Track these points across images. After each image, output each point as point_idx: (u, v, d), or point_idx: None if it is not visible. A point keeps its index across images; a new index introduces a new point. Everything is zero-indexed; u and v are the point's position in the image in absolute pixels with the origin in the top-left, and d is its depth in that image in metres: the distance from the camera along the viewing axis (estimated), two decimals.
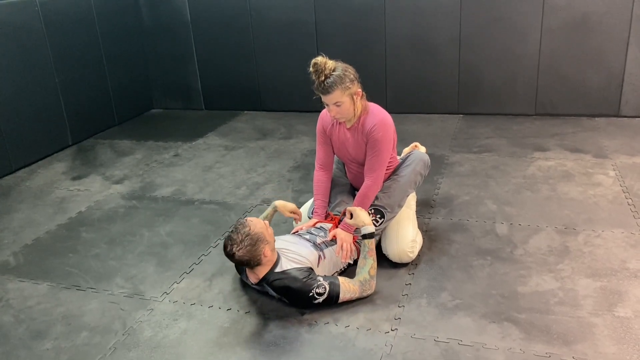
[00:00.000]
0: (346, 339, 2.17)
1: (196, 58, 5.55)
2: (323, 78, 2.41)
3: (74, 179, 4.09)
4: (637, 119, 4.56)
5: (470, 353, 2.05)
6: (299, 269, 2.32)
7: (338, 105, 2.47)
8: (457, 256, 2.71)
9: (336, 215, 2.72)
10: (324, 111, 2.72)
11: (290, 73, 5.29)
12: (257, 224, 2.29)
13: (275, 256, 2.36)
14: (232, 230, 2.29)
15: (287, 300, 2.35)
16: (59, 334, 2.32)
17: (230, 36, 5.35)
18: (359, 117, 2.58)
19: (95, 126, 5.12)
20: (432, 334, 2.16)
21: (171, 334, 2.27)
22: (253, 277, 2.38)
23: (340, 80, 2.42)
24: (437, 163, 3.85)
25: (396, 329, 2.21)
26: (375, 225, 2.59)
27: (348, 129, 2.64)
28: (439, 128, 4.68)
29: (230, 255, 2.25)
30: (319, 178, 2.78)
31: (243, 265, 2.34)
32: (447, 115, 5.00)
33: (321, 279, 2.32)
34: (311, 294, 2.27)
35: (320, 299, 2.29)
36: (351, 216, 2.50)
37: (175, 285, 2.63)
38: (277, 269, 2.33)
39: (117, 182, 3.96)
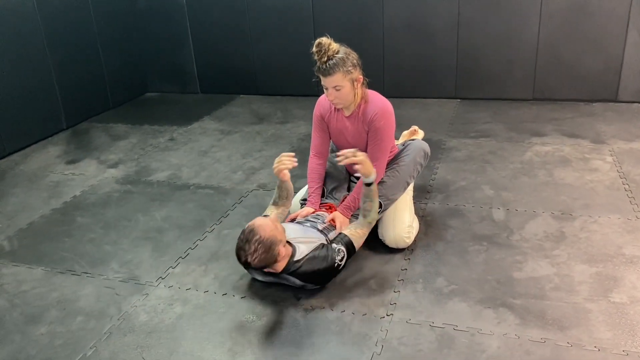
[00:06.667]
0: (342, 324, 2.17)
1: (192, 41, 5.49)
2: (325, 59, 2.37)
3: (69, 163, 4.06)
4: (635, 104, 4.54)
5: (466, 338, 2.05)
6: (316, 249, 2.31)
7: (338, 90, 2.43)
8: (453, 241, 2.70)
9: (333, 202, 2.70)
10: (322, 97, 2.68)
11: (287, 56, 5.24)
12: (265, 227, 2.18)
13: (290, 248, 2.30)
14: (242, 240, 2.18)
15: (313, 283, 2.32)
16: (53, 318, 2.32)
17: (226, 19, 5.29)
18: (359, 105, 2.55)
19: (89, 110, 5.07)
20: (428, 319, 2.17)
21: (167, 319, 2.27)
22: (271, 270, 2.29)
23: (342, 63, 2.38)
24: (434, 148, 3.83)
25: (391, 314, 2.21)
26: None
27: (347, 117, 2.60)
28: (437, 113, 4.65)
29: (246, 265, 2.20)
30: (314, 166, 2.74)
31: (260, 269, 2.28)
32: (444, 99, 4.97)
33: (335, 245, 2.33)
34: (336, 264, 2.29)
35: (343, 262, 2.33)
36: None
37: (170, 270, 2.62)
38: (297, 257, 2.28)
39: (112, 167, 3.94)
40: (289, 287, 2.38)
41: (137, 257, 2.75)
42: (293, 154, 2.50)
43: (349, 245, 2.38)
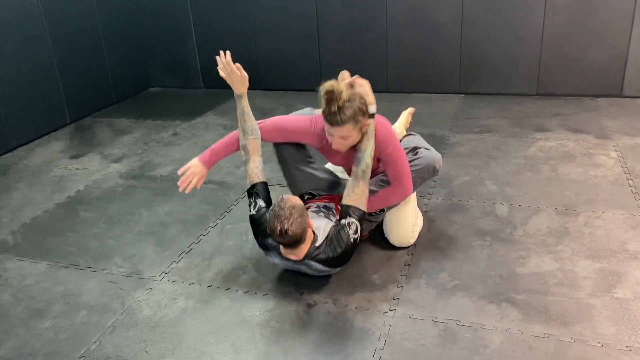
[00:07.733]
0: (344, 319, 2.17)
1: (195, 36, 5.49)
2: (336, 109, 2.15)
3: (72, 157, 4.07)
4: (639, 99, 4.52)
5: (469, 333, 2.05)
6: (330, 232, 2.27)
7: (344, 139, 2.27)
8: (457, 237, 2.70)
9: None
10: (318, 127, 2.46)
11: (290, 51, 5.23)
12: (294, 198, 2.17)
13: (312, 233, 2.27)
14: (275, 209, 2.11)
15: (335, 266, 2.29)
16: (57, 312, 2.33)
17: (229, 13, 5.28)
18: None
19: (93, 105, 5.08)
20: (431, 315, 2.17)
21: (170, 314, 2.27)
22: (293, 257, 2.24)
23: (354, 115, 2.17)
24: (438, 143, 3.82)
25: (394, 309, 2.21)
26: (375, 215, 2.56)
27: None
28: (440, 108, 4.64)
29: (283, 233, 2.07)
30: (235, 139, 2.52)
31: (294, 243, 2.14)
32: (448, 94, 4.95)
33: (344, 220, 2.28)
34: (352, 239, 2.26)
35: (358, 235, 2.28)
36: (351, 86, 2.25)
37: (174, 264, 2.63)
38: (318, 242, 2.25)
39: (115, 161, 3.94)
40: (292, 282, 2.39)
41: (141, 252, 2.75)
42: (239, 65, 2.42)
43: (356, 212, 2.29)
